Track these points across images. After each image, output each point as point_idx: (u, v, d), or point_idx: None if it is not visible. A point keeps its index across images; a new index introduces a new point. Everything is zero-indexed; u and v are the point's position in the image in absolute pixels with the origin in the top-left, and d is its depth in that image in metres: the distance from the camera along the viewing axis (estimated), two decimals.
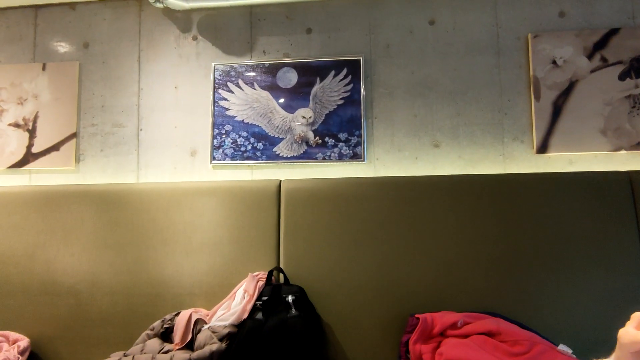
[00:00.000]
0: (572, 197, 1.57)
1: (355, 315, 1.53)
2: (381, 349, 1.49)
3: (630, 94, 1.71)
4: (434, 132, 1.79)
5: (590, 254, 1.48)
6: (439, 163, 1.77)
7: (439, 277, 1.52)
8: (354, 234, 1.60)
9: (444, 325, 1.38)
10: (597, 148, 1.71)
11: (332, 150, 1.81)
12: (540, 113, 1.74)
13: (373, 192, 1.65)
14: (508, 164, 1.75)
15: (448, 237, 1.56)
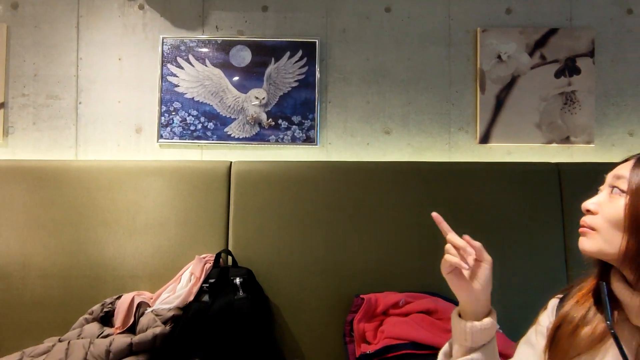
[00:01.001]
0: (508, 185, 1.69)
1: (303, 296, 1.56)
2: (327, 329, 1.53)
3: (563, 92, 1.85)
4: (386, 119, 1.83)
5: (520, 237, 1.61)
6: (389, 149, 1.82)
7: (384, 259, 1.59)
8: (304, 217, 1.62)
9: (386, 304, 1.44)
10: (533, 140, 1.84)
11: (285, 133, 1.80)
12: (485, 105, 1.83)
13: (324, 176, 1.67)
14: (453, 152, 1.84)
15: (394, 221, 1.62)
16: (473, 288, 0.67)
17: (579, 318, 0.65)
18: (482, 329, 0.66)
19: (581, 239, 0.65)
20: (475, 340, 0.66)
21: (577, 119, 1.84)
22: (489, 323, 0.66)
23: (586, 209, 0.66)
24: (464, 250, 0.66)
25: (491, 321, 0.67)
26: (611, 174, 0.65)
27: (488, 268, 0.67)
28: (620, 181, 0.61)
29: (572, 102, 1.85)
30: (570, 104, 1.85)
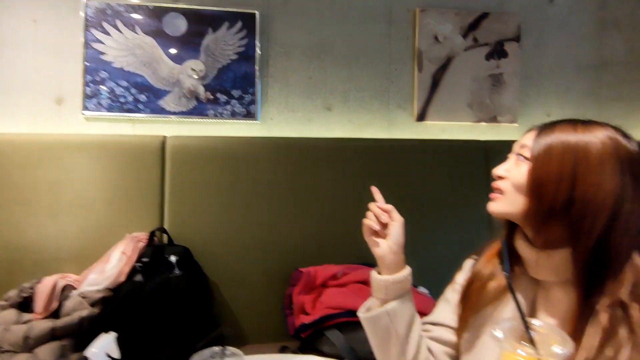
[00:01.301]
0: (442, 161, 1.78)
1: (243, 272, 1.55)
2: (268, 303, 1.54)
3: (492, 73, 1.96)
4: (327, 95, 1.83)
5: (450, 209, 1.72)
6: (330, 126, 1.83)
7: (324, 233, 1.62)
8: (244, 193, 1.59)
9: (325, 277, 1.48)
10: (464, 119, 1.94)
11: (225, 108, 1.74)
12: (422, 84, 1.90)
13: (265, 153, 1.65)
14: (392, 129, 1.89)
15: (334, 196, 1.65)
16: (387, 245, 0.74)
17: (487, 274, 0.71)
18: (396, 282, 0.73)
19: (490, 202, 0.70)
20: (390, 292, 0.73)
21: (504, 99, 1.97)
22: (401, 276, 0.73)
23: (497, 175, 0.71)
24: (377, 214, 0.75)
25: (404, 275, 0.74)
26: (517, 143, 0.70)
27: (399, 226, 0.75)
28: (524, 149, 0.67)
29: (500, 83, 1.97)
30: (498, 86, 1.97)
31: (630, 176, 0.57)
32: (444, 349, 0.75)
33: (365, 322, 0.75)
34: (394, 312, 0.72)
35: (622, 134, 0.60)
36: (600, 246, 0.57)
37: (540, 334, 0.50)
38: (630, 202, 0.56)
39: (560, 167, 0.59)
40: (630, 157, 0.58)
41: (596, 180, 0.57)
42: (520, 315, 0.50)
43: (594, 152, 0.58)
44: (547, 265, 0.62)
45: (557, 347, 0.47)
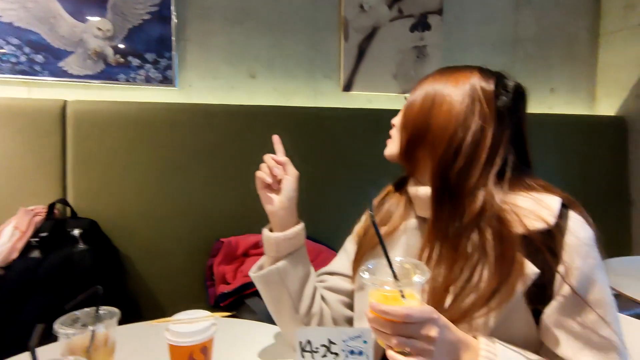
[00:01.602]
0: (368, 130, 1.80)
1: (161, 245, 1.48)
2: (188, 275, 1.49)
3: (416, 45, 2.01)
4: (251, 61, 1.77)
5: (375, 176, 1.75)
6: (254, 93, 1.78)
7: (246, 203, 1.56)
8: (161, 162, 1.50)
9: (246, 246, 1.45)
10: (390, 90, 1.98)
11: (138, 72, 1.61)
12: (348, 53, 1.89)
13: (185, 120, 1.56)
14: (319, 98, 1.87)
15: (257, 165, 1.60)
16: (279, 201, 0.71)
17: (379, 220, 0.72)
18: (287, 239, 0.70)
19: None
20: (281, 250, 0.70)
21: (427, 71, 2.00)
22: (292, 233, 0.71)
23: (392, 123, 0.72)
24: (271, 166, 0.71)
25: (295, 231, 0.71)
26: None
27: (292, 181, 0.72)
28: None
29: (424, 55, 2.02)
30: (422, 57, 2.02)
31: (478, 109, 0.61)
32: (339, 297, 0.76)
33: (256, 281, 0.73)
34: (285, 270, 0.70)
35: (485, 76, 0.64)
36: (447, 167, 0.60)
37: (403, 268, 0.52)
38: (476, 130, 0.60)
39: (421, 106, 0.64)
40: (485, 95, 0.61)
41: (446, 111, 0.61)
42: (384, 252, 0.51)
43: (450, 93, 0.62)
44: (424, 199, 0.65)
45: (416, 277, 0.50)
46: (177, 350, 0.58)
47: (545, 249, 0.54)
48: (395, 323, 0.47)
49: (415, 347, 0.47)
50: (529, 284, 0.53)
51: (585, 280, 0.53)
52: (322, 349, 0.48)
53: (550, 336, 0.55)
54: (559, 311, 0.54)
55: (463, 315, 0.55)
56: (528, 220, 0.55)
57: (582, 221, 0.57)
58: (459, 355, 0.51)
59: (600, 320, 0.53)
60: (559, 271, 0.54)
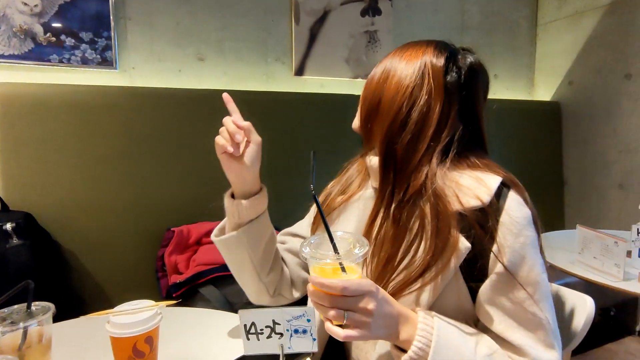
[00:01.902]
0: (321, 114, 1.80)
1: (107, 237, 1.41)
2: (138, 267, 1.44)
3: (367, 30, 2.02)
4: (199, 44, 1.70)
5: (327, 159, 1.76)
6: (203, 77, 1.71)
7: (198, 190, 1.54)
8: (103, 149, 1.42)
9: (199, 234, 1.42)
10: (342, 75, 1.99)
11: (73, 53, 1.50)
12: (299, 37, 1.87)
13: (127, 104, 1.48)
14: (271, 83, 1.84)
15: (208, 150, 1.55)
16: (241, 167, 0.67)
17: (340, 187, 0.75)
18: (248, 206, 0.68)
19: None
20: (243, 216, 0.68)
21: (378, 56, 2.06)
22: (253, 200, 0.68)
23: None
24: (232, 132, 0.64)
25: (257, 198, 0.69)
26: None
27: (255, 149, 0.68)
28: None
29: (375, 40, 2.04)
30: (373, 42, 2.04)
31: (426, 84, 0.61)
32: (298, 260, 0.78)
33: (219, 245, 0.72)
34: (246, 237, 0.69)
35: (438, 51, 0.63)
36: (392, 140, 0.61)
37: (344, 241, 0.53)
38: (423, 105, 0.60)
39: (377, 81, 0.65)
40: (434, 71, 0.61)
41: (395, 85, 0.62)
42: (325, 227, 0.52)
43: (401, 69, 0.63)
44: (375, 170, 0.66)
45: (356, 250, 0.51)
46: (119, 342, 0.56)
47: (478, 226, 0.55)
48: (333, 296, 0.48)
49: (353, 320, 0.48)
50: (462, 259, 0.55)
51: (516, 258, 0.54)
52: (266, 330, 0.49)
53: (483, 312, 0.57)
54: (492, 288, 0.55)
55: (400, 288, 0.56)
56: (465, 197, 0.56)
57: (520, 201, 0.57)
58: (398, 328, 0.52)
59: (529, 298, 0.54)
60: (492, 249, 0.55)
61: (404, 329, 0.52)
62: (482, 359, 0.52)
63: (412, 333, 0.52)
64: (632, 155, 2.03)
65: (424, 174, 0.59)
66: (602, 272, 1.07)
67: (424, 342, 0.51)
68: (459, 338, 0.53)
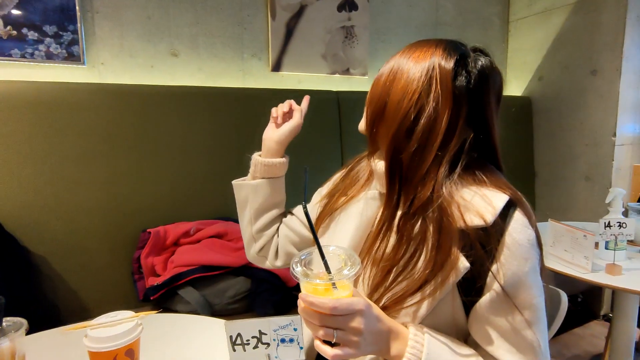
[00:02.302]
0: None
1: (79, 241, 1.35)
2: (112, 270, 1.39)
3: (344, 25, 2.01)
4: (172, 39, 1.64)
5: (308, 154, 1.76)
6: (177, 73, 1.66)
7: (174, 190, 1.50)
8: (72, 149, 1.36)
9: (176, 235, 1.39)
10: (319, 71, 1.97)
11: (36, 47, 1.42)
12: (276, 32, 1.84)
13: (97, 101, 1.42)
14: (247, 79, 1.81)
15: (183, 149, 1.53)
16: (273, 133, 0.82)
17: (342, 188, 0.75)
18: (265, 164, 0.81)
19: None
20: (257, 171, 0.81)
21: (355, 52, 2.06)
22: (271, 162, 0.81)
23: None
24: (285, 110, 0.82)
25: (274, 162, 0.81)
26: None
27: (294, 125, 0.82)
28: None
29: (352, 36, 2.04)
30: (350, 38, 2.04)
31: (434, 89, 0.57)
32: (289, 234, 0.82)
33: (235, 187, 0.85)
34: (254, 188, 0.82)
35: (447, 53, 0.59)
36: (399, 147, 0.59)
37: (336, 257, 0.52)
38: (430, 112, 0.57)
39: (385, 81, 0.62)
40: (442, 75, 0.58)
41: (402, 88, 0.59)
42: (317, 245, 0.51)
43: (409, 70, 0.59)
44: (380, 175, 0.64)
45: (346, 270, 0.50)
46: (98, 357, 0.54)
47: (479, 246, 0.54)
48: (323, 314, 0.47)
49: (342, 339, 0.48)
50: (460, 277, 0.54)
51: (515, 281, 0.53)
52: (252, 340, 0.48)
53: (476, 329, 0.57)
54: (487, 307, 0.55)
55: (397, 301, 0.56)
56: (469, 215, 0.55)
57: (525, 223, 0.55)
58: (388, 344, 0.52)
59: (524, 321, 0.53)
60: (491, 270, 0.54)
61: (394, 345, 0.52)
62: None
63: (402, 349, 0.52)
64: (597, 148, 2.12)
65: (430, 186, 0.57)
66: (572, 264, 1.12)
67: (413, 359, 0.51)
68: (448, 356, 0.53)
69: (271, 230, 0.84)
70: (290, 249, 0.83)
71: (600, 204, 2.13)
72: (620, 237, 1.06)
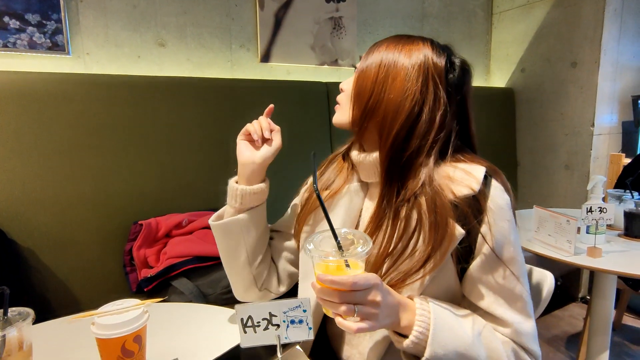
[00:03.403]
0: (287, 101, 1.79)
1: (68, 233, 1.34)
2: (103, 263, 1.38)
3: (332, 16, 2.01)
4: (159, 29, 1.62)
5: (298, 146, 1.77)
6: (165, 64, 1.64)
7: (165, 181, 1.49)
8: (58, 141, 1.33)
9: (169, 226, 1.39)
10: (308, 62, 1.98)
11: (18, 36, 1.38)
12: (264, 23, 1.83)
13: (84, 93, 1.39)
14: (235, 70, 1.80)
15: (174, 140, 1.52)
16: (254, 156, 0.72)
17: (324, 182, 0.76)
18: (252, 192, 0.72)
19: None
20: (245, 202, 0.72)
21: (343, 43, 2.06)
22: (258, 188, 0.72)
23: (340, 88, 0.72)
24: (264, 128, 0.72)
25: (261, 187, 0.73)
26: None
27: (274, 149, 0.73)
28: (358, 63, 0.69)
29: (340, 27, 2.04)
30: (338, 29, 2.04)
31: (431, 87, 0.62)
32: (286, 255, 0.80)
33: (215, 229, 0.74)
34: (246, 222, 0.72)
35: (437, 51, 0.64)
36: (400, 147, 0.62)
37: (347, 239, 0.54)
38: (429, 109, 0.61)
39: (375, 77, 0.63)
40: (438, 72, 0.62)
41: (401, 86, 0.62)
42: (329, 225, 0.53)
43: (405, 67, 0.62)
44: (368, 166, 0.68)
45: (360, 247, 0.52)
46: (107, 343, 0.55)
47: (471, 213, 0.59)
48: (343, 292, 0.50)
49: (363, 312, 0.50)
50: (457, 244, 0.59)
51: (502, 240, 0.59)
52: (263, 322, 0.50)
53: (470, 290, 0.62)
54: (479, 268, 0.60)
55: (402, 280, 0.59)
56: (457, 187, 0.60)
57: (501, 188, 0.62)
58: (399, 316, 0.55)
59: (511, 275, 0.59)
60: (481, 232, 0.59)
61: (404, 316, 0.56)
62: (474, 336, 0.57)
63: (411, 319, 0.56)
64: (577, 137, 2.20)
65: (424, 173, 0.61)
66: (555, 248, 1.17)
67: (423, 327, 0.55)
68: (453, 320, 0.57)
69: (267, 258, 0.78)
70: (291, 269, 0.81)
71: (579, 192, 2.21)
72: (601, 221, 1.12)
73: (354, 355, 0.69)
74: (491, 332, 0.60)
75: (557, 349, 1.85)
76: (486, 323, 0.61)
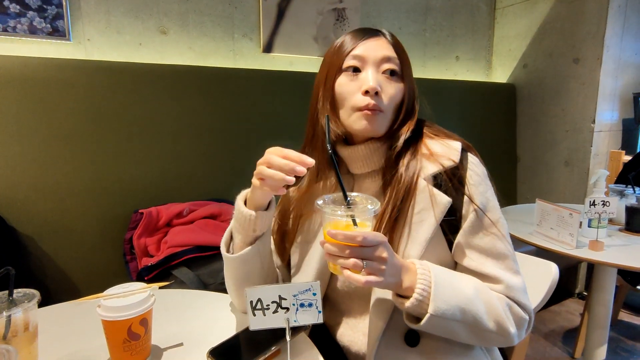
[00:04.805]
0: (289, 92, 1.78)
1: (68, 220, 1.33)
2: (103, 251, 1.38)
3: (335, 7, 2.00)
4: (160, 16, 1.60)
5: (298, 139, 1.76)
6: (167, 52, 1.62)
7: (166, 170, 1.48)
8: (59, 128, 1.32)
9: (169, 215, 1.38)
10: (311, 53, 1.96)
11: (18, 21, 1.36)
12: (267, 13, 1.81)
13: (85, 79, 1.38)
14: (238, 59, 1.79)
15: (175, 129, 1.51)
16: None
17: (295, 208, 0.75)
18: (265, 218, 0.65)
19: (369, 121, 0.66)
20: (258, 228, 0.65)
21: None
22: (270, 212, 0.67)
23: (375, 91, 0.65)
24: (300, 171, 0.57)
25: (271, 210, 0.67)
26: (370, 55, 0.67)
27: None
28: (390, 64, 0.67)
29: (343, 18, 2.03)
30: (341, 20, 2.03)
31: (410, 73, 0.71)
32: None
33: (232, 261, 0.68)
34: (264, 249, 0.68)
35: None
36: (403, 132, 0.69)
37: (356, 201, 0.57)
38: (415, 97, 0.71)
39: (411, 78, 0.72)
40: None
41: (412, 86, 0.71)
42: (340, 185, 0.55)
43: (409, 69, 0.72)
44: (365, 158, 0.70)
45: (369, 205, 0.54)
46: (113, 325, 0.54)
47: (455, 181, 0.65)
48: (352, 246, 0.51)
49: (371, 267, 0.52)
50: (445, 212, 0.64)
51: (483, 203, 0.65)
52: (272, 305, 0.50)
53: (460, 255, 0.66)
54: (467, 233, 0.65)
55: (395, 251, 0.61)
56: (441, 159, 0.67)
57: (477, 161, 0.69)
58: (401, 277, 0.58)
59: (496, 234, 0.64)
60: (466, 194, 0.65)
61: (406, 278, 0.58)
62: (471, 292, 0.60)
63: (413, 279, 0.58)
64: (577, 134, 2.20)
65: (413, 149, 0.69)
66: (557, 241, 1.18)
67: (425, 284, 0.57)
68: (451, 278, 0.61)
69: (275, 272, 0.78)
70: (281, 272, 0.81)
71: (579, 188, 2.22)
72: (604, 215, 1.12)
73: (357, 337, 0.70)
74: (486, 288, 0.63)
75: (554, 344, 1.86)
76: (480, 281, 0.64)
